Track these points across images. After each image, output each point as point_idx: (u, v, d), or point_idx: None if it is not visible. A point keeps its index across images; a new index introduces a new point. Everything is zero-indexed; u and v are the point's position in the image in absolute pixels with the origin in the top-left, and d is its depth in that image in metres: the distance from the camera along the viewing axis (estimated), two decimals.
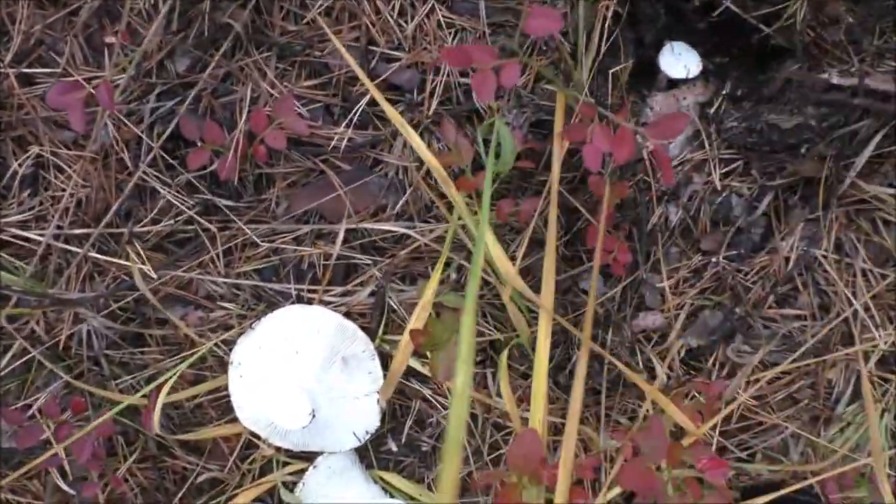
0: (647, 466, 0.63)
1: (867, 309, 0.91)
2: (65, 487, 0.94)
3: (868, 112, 0.83)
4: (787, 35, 0.83)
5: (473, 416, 0.95)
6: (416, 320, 0.75)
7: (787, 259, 0.91)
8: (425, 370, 0.90)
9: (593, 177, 0.78)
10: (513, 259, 0.90)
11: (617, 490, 0.78)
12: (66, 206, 0.92)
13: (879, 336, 0.90)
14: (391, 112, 0.77)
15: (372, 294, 0.93)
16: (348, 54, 0.81)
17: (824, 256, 0.91)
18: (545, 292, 0.72)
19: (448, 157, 0.78)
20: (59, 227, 0.92)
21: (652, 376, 0.92)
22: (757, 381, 0.94)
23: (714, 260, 0.90)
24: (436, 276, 0.76)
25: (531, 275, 0.94)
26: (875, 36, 0.83)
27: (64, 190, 0.92)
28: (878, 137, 0.82)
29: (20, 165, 0.92)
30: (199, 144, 0.88)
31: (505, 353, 0.80)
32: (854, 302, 0.90)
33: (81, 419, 0.90)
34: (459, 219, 0.86)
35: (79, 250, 0.92)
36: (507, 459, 0.73)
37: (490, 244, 0.78)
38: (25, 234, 0.92)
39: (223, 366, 0.95)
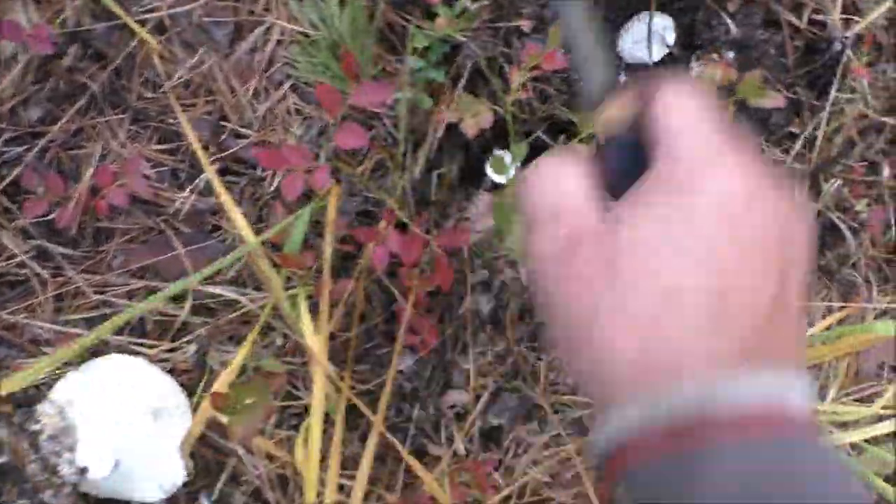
0: None
1: None
2: None
3: None
4: None
5: (283, 478, 0.99)
6: (221, 383, 0.79)
7: None
8: None
9: (404, 268, 0.87)
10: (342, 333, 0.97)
11: None
12: None
13: None
14: (219, 188, 0.83)
15: (196, 352, 0.97)
16: (191, 128, 0.88)
17: None
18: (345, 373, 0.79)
19: (276, 235, 0.85)
20: None
21: (455, 450, 1.00)
22: (548, 458, 1.04)
23: (516, 349, 1.00)
24: (248, 343, 0.81)
25: (359, 345, 1.02)
26: None
27: None
28: None
29: None
30: (38, 194, 0.91)
31: (307, 422, 0.86)
32: None
33: None
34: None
35: None
36: None
37: (304, 318, 0.84)
38: None
39: None
